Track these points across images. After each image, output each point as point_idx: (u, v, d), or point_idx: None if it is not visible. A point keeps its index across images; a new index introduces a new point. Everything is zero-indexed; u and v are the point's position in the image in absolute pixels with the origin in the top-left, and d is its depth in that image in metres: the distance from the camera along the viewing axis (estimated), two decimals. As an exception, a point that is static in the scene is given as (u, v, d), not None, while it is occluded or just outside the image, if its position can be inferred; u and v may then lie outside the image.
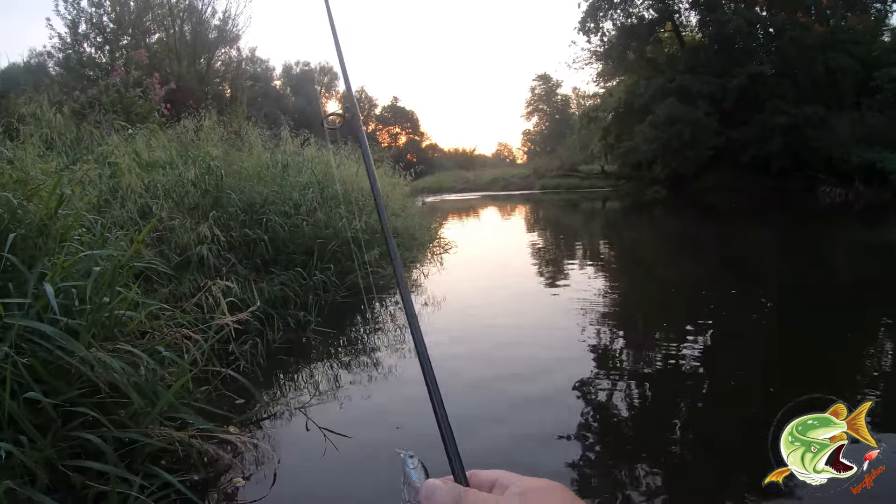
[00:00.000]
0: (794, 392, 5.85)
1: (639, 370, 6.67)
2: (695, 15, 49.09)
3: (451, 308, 9.49)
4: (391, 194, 15.04)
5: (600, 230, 25.56)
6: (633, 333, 8.54)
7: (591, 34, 51.16)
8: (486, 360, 6.99)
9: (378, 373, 6.42)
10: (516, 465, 4.37)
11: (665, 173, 42.35)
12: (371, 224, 11.03)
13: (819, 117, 36.62)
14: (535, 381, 6.22)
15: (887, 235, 20.78)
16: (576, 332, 8.09)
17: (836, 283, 12.00)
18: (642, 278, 13.53)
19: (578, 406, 5.58)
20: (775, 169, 37.97)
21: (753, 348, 7.47)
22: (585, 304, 9.72)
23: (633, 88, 46.88)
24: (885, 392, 5.52)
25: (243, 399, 5.19)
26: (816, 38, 39.92)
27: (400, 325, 8.41)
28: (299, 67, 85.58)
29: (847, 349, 7.29)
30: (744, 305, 9.90)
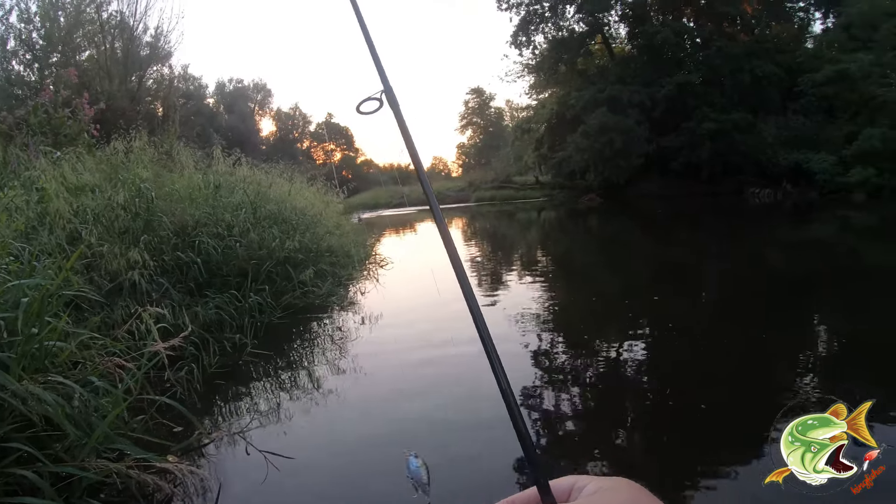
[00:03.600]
0: (740, 388, 6.02)
1: (588, 376, 6.79)
2: (624, 27, 50.55)
3: (389, 324, 9.46)
4: (325, 212, 14.92)
5: (537, 240, 25.77)
6: (575, 341, 8.64)
7: (523, 47, 52.09)
8: (427, 375, 6.99)
9: (318, 392, 6.39)
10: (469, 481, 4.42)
11: (598, 182, 43.00)
12: (305, 243, 10.97)
13: (746, 123, 37.97)
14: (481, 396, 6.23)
15: (815, 232, 21.73)
16: (518, 341, 8.15)
17: (766, 280, 12.46)
18: (579, 286, 13.69)
19: (539, 417, 5.65)
20: (705, 174, 39.31)
21: (695, 347, 7.69)
22: (525, 313, 9.84)
23: (565, 100, 47.51)
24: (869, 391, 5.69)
25: (181, 427, 5.12)
26: (742, 48, 41.43)
27: (338, 343, 8.38)
28: (232, 84, 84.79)
29: (782, 341, 7.54)
30: (681, 307, 10.21)
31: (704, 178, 39.47)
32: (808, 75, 37.41)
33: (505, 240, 26.02)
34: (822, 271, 13.20)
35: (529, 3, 50.32)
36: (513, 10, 50.97)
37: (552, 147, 48.06)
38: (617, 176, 41.75)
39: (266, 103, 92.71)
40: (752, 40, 43.50)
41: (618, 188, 41.78)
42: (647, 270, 15.12)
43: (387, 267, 15.37)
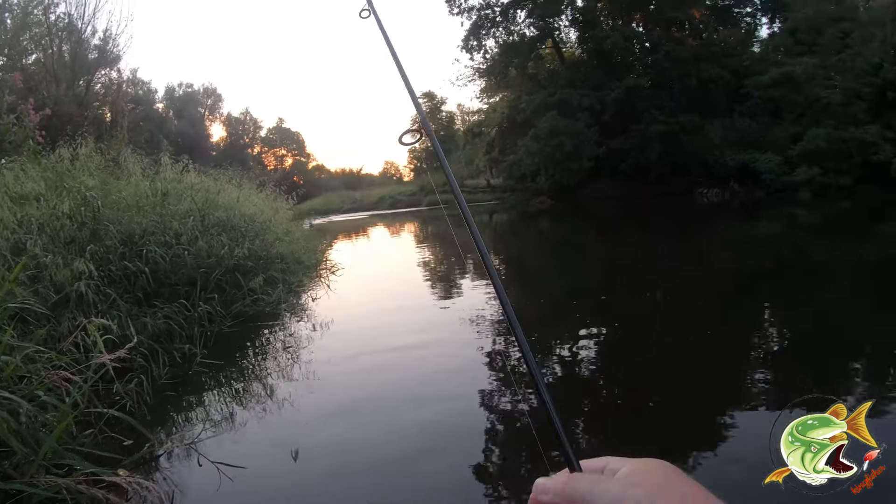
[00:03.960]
0: (697, 383, 6.10)
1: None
2: (574, 32, 51.13)
3: (341, 330, 9.46)
4: (274, 219, 14.80)
5: (489, 242, 25.75)
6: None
7: (475, 52, 52.35)
8: (380, 380, 7.01)
9: (271, 400, 6.38)
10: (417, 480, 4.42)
11: (549, 184, 43.29)
12: (254, 251, 10.88)
13: (694, 125, 38.73)
14: (437, 400, 6.24)
15: (762, 230, 22.36)
16: (472, 344, 8.21)
17: (714, 278, 12.74)
18: (531, 288, 13.79)
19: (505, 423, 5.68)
20: (654, 175, 40.09)
21: (649, 344, 7.80)
22: (479, 317, 9.89)
23: (516, 103, 47.84)
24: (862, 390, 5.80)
25: (132, 440, 5.06)
26: (690, 52, 42.38)
27: (289, 350, 8.34)
28: (182, 89, 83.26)
29: (731, 336, 7.74)
30: (631, 306, 10.36)
31: (653, 180, 40.17)
32: (754, 78, 38.52)
33: (456, 243, 26.03)
34: (768, 268, 13.61)
35: (481, 7, 50.68)
36: (464, 15, 51.25)
37: (503, 150, 48.32)
38: (567, 178, 42.12)
39: (216, 108, 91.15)
40: (700, 45, 44.70)
41: (568, 190, 42.16)
42: (597, 271, 15.30)
43: (338, 273, 15.30)
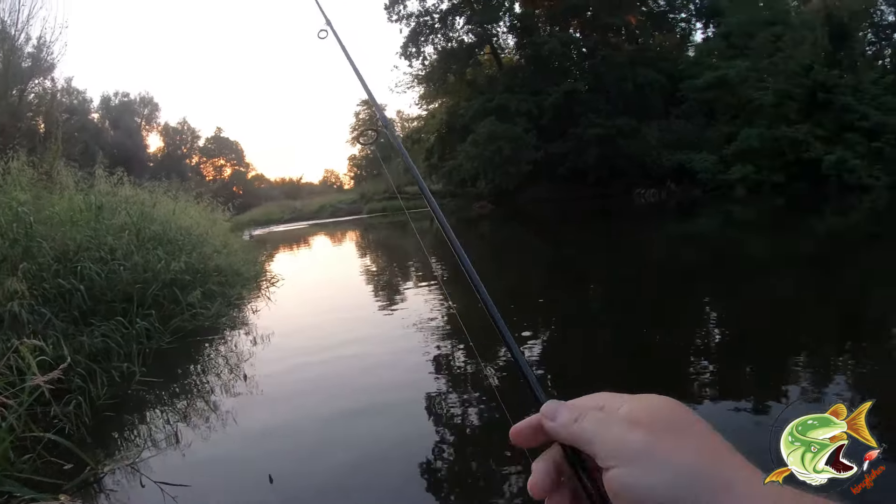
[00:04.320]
0: (651, 383, 6.18)
1: (487, 379, 6.83)
2: (512, 38, 52.03)
3: (282, 342, 9.38)
4: (211, 231, 14.58)
5: (430, 248, 25.81)
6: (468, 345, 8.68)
7: (413, 58, 52.70)
8: (325, 390, 6.98)
9: (213, 416, 6.31)
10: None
11: (489, 189, 43.60)
12: (192, 264, 10.70)
13: (631, 127, 39.60)
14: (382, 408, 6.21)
15: (699, 227, 22.93)
16: (416, 350, 8.22)
17: (653, 274, 13.02)
18: (471, 291, 13.73)
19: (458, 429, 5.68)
20: (592, 178, 41.02)
21: (596, 342, 7.89)
22: (420, 321, 9.91)
23: (455, 109, 48.19)
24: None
25: (72, 464, 4.93)
26: (626, 56, 43.41)
27: (230, 365, 8.21)
28: (118, 98, 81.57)
29: (669, 331, 7.86)
30: (575, 304, 10.38)
31: (591, 182, 40.95)
32: (689, 81, 39.88)
33: (398, 250, 25.99)
34: (706, 265, 14.04)
35: (419, 14, 51.07)
36: (403, 22, 51.65)
37: (442, 156, 48.59)
38: (507, 183, 42.46)
39: (153, 118, 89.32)
40: (636, 49, 45.92)
41: (508, 194, 42.51)
42: (537, 274, 15.47)
43: (278, 284, 15.13)
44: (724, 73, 38.83)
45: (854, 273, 11.52)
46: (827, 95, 34.22)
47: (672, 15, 50.31)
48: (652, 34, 49.70)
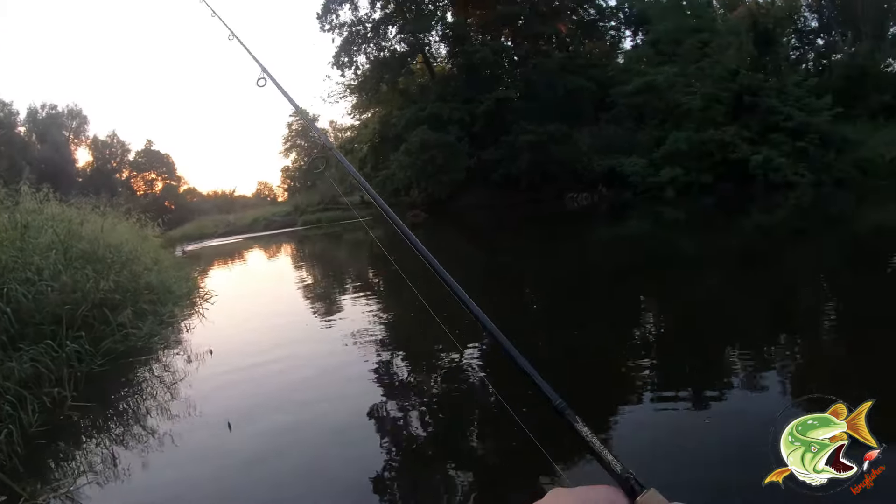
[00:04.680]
0: (583, 387, 6.20)
1: (433, 388, 6.84)
2: (444, 47, 52.65)
3: (218, 360, 9.24)
4: (141, 248, 14.28)
5: (366, 259, 25.82)
6: (409, 355, 8.69)
7: (346, 68, 52.79)
8: (263, 406, 6.91)
9: (151, 439, 6.23)
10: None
11: (422, 197, 43.74)
12: (121, 282, 10.46)
13: (562, 133, 40.23)
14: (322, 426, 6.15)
15: (631, 228, 23.58)
16: (355, 363, 8.19)
17: (588, 276, 13.28)
18: (410, 300, 13.80)
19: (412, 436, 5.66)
20: (525, 183, 41.48)
21: (535, 344, 7.93)
22: (358, 332, 9.92)
23: (387, 119, 48.34)
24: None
25: (5, 496, 4.80)
26: (557, 64, 44.14)
27: (166, 385, 8.04)
28: (45, 111, 79.32)
29: (606, 330, 7.95)
30: (512, 309, 10.47)
31: (524, 187, 41.46)
32: (618, 87, 41.13)
33: (334, 261, 25.91)
34: (638, 264, 14.38)
35: (352, 24, 51.24)
36: (335, 32, 51.67)
37: (376, 166, 48.61)
38: (440, 191, 42.70)
39: (82, 131, 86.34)
40: (567, 57, 46.91)
41: (442, 202, 42.78)
42: (472, 280, 15.44)
43: (211, 300, 14.88)
44: (652, 79, 39.95)
45: (783, 268, 11.93)
46: (752, 98, 35.59)
47: (602, 23, 51.95)
48: (582, 42, 51.11)
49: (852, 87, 38.70)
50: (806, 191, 30.15)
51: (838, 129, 34.50)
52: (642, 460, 4.43)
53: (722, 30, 42.08)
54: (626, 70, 44.93)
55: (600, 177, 38.92)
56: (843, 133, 34.54)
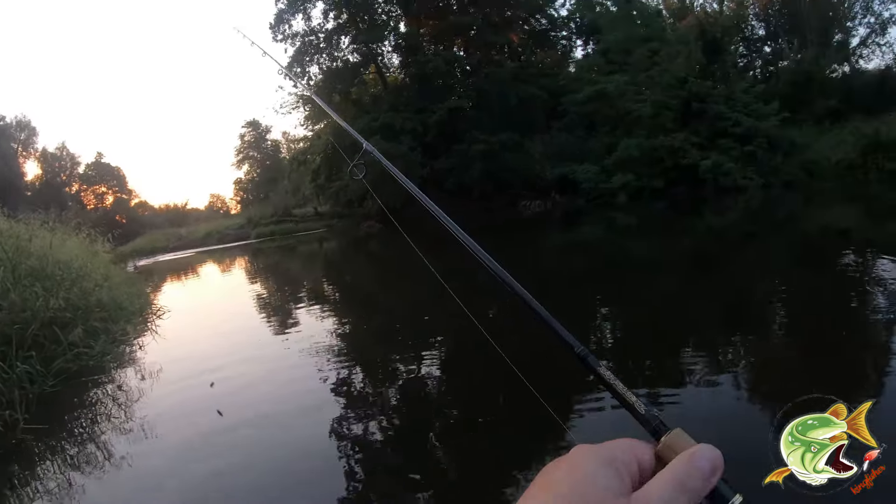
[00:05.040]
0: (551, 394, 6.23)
1: (396, 400, 7.00)
2: (397, 57, 52.59)
3: (172, 377, 9.14)
4: (92, 264, 14.03)
5: (320, 271, 25.77)
6: (371, 366, 8.68)
7: (298, 78, 51.80)
8: (219, 422, 6.83)
9: (106, 461, 6.14)
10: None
11: (376, 208, 43.49)
12: (72, 300, 10.27)
13: (514, 142, 40.49)
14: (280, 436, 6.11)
15: (585, 234, 23.99)
16: (316, 374, 8.22)
17: (542, 279, 13.34)
18: (367, 311, 13.84)
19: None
20: (478, 192, 41.47)
21: (489, 355, 7.99)
22: (316, 345, 9.85)
23: (340, 129, 47.74)
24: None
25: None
26: (509, 73, 44.69)
27: (120, 405, 7.91)
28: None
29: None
30: (464, 318, 10.48)
31: (477, 196, 41.52)
32: (570, 96, 41.75)
33: (288, 275, 25.76)
34: (593, 269, 14.49)
35: (304, 34, 50.91)
36: (288, 42, 51.18)
37: (329, 177, 48.30)
38: (394, 201, 42.29)
39: (30, 143, 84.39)
40: (519, 66, 47.54)
41: (395, 213, 42.52)
42: (426, 291, 15.47)
43: (164, 317, 14.67)
44: (603, 87, 40.81)
45: (736, 268, 12.21)
46: (701, 105, 36.36)
47: (553, 33, 52.75)
48: (534, 51, 51.88)
49: (798, 92, 39.99)
50: (755, 193, 30.99)
51: (785, 133, 35.73)
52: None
53: (671, 39, 43.31)
54: (577, 79, 45.73)
55: (553, 184, 39.41)
56: (790, 137, 35.75)
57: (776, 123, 35.81)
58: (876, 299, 8.83)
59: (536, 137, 42.21)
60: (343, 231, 44.98)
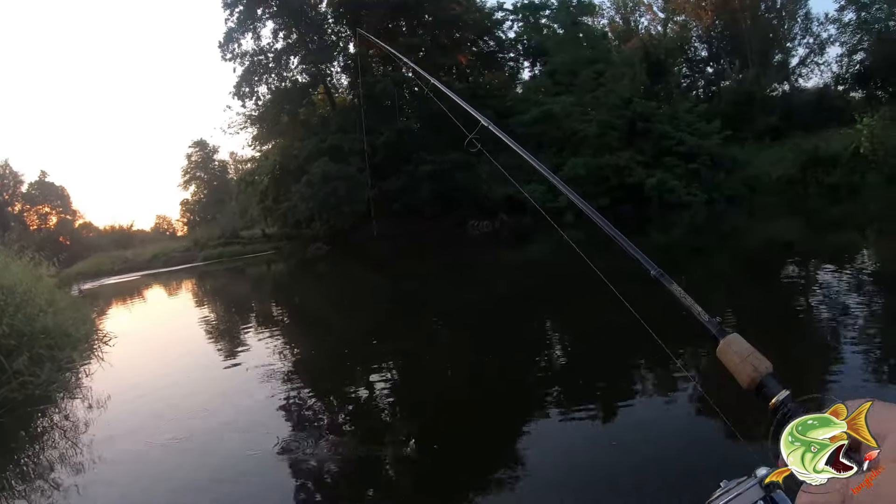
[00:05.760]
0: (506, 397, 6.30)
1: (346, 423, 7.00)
2: (346, 78, 52.39)
3: (120, 405, 9.03)
4: (35, 288, 13.74)
5: (269, 294, 25.58)
6: (321, 390, 8.67)
7: (247, 98, 52.03)
8: (168, 448, 6.80)
9: (54, 493, 6.04)
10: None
11: (324, 230, 43.50)
12: (16, 326, 10.08)
13: (462, 162, 39.92)
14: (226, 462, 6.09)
15: (532, 253, 24.24)
16: (266, 400, 8.17)
17: (491, 301, 13.46)
18: (316, 334, 13.79)
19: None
20: (427, 212, 41.88)
21: (440, 371, 7.99)
22: (263, 370, 9.80)
23: (288, 150, 47.88)
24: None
25: None
26: (457, 95, 43.86)
27: (69, 435, 7.78)
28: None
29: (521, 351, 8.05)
30: (416, 339, 10.56)
31: (426, 216, 41.93)
32: (517, 116, 42.04)
33: (237, 298, 25.49)
34: (543, 288, 14.50)
35: (253, 53, 50.73)
36: (237, 61, 50.86)
37: (277, 198, 47.93)
38: (342, 222, 42.47)
39: None
40: (467, 87, 47.67)
41: (344, 234, 42.51)
42: (375, 311, 15.57)
43: (111, 343, 14.42)
44: (549, 108, 41.66)
45: (683, 280, 12.42)
46: (646, 124, 37.23)
47: (501, 55, 53.52)
48: (482, 73, 52.39)
49: (740, 111, 41.46)
50: (700, 209, 32.00)
51: (728, 150, 37.21)
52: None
53: (616, 60, 44.42)
54: (524, 100, 46.37)
55: (501, 204, 39.46)
56: (733, 154, 37.25)
57: (718, 141, 37.27)
58: (819, 306, 9.11)
59: (484, 157, 41.88)
60: (291, 253, 44.63)
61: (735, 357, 1.19)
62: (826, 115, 39.97)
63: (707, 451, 4.93)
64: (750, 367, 1.15)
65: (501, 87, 51.39)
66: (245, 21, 50.00)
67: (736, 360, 1.18)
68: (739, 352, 1.19)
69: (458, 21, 48.66)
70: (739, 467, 1.02)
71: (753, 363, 1.15)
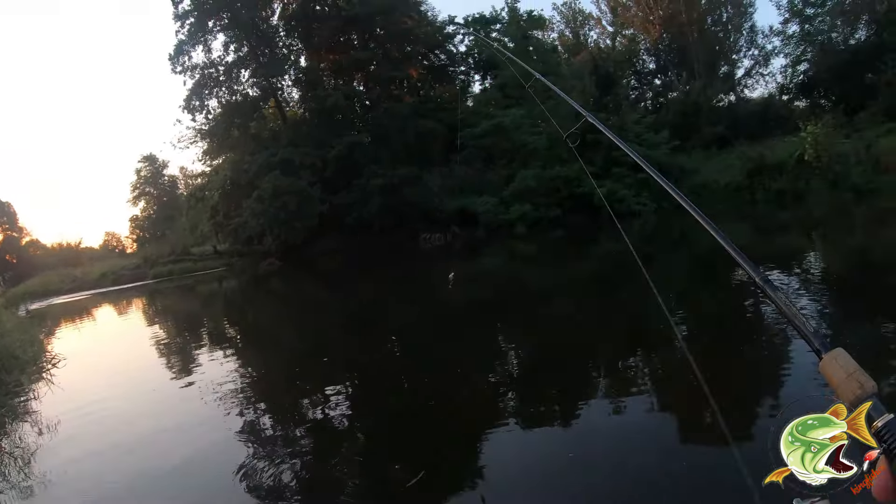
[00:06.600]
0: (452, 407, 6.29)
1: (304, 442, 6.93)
2: (297, 91, 52.53)
3: (70, 430, 8.84)
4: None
5: (220, 311, 25.35)
6: (275, 407, 8.62)
7: (197, 112, 51.48)
8: (121, 472, 6.75)
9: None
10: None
11: (276, 245, 43.18)
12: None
13: (413, 176, 40.60)
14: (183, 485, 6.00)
15: (485, 265, 24.54)
16: (220, 420, 8.19)
17: (440, 313, 13.49)
18: (269, 351, 13.74)
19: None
20: (378, 226, 41.87)
21: (395, 385, 7.95)
22: (219, 390, 9.74)
23: (239, 165, 47.47)
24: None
25: None
26: (408, 108, 45.25)
27: (18, 461, 7.59)
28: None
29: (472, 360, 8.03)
30: (370, 353, 10.56)
31: (377, 230, 41.80)
32: (468, 129, 42.20)
33: (188, 316, 25.21)
34: (495, 298, 14.73)
35: (204, 66, 50.21)
36: (187, 74, 50.29)
37: (228, 214, 47.48)
38: (294, 237, 42.26)
39: None
40: (418, 101, 48.19)
41: (296, 249, 42.32)
42: (334, 326, 15.46)
43: (60, 365, 14.15)
44: (500, 121, 42.15)
45: (635, 287, 12.62)
46: (595, 136, 36.89)
47: (452, 68, 53.90)
48: (433, 86, 52.56)
49: (687, 121, 42.50)
50: (649, 218, 32.72)
51: (676, 159, 38.04)
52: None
53: (566, 73, 45.03)
54: (475, 113, 46.53)
55: (452, 217, 39.91)
56: (680, 163, 38.08)
57: (667, 151, 38.29)
58: (768, 311, 9.28)
59: (435, 171, 42.76)
60: (243, 269, 44.29)
61: (841, 372, 1.16)
62: (771, 124, 41.29)
63: (666, 460, 4.99)
64: (855, 383, 1.12)
65: (452, 100, 51.46)
66: (196, 33, 49.56)
67: (842, 376, 1.15)
68: (845, 367, 1.16)
69: (409, 34, 48.87)
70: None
71: (860, 380, 1.12)
